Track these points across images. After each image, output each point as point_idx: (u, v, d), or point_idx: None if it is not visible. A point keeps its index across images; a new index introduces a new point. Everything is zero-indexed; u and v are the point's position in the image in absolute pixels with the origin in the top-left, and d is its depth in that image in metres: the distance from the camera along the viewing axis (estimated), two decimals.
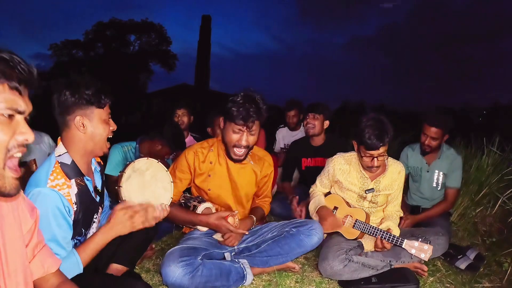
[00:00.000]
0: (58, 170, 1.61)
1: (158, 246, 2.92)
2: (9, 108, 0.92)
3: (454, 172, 3.16)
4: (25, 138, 0.95)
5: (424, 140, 3.14)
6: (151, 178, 1.97)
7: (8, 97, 0.92)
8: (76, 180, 1.66)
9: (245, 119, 2.15)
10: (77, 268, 1.60)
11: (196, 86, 25.55)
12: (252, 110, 2.15)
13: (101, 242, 1.66)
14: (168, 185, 2.04)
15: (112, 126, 1.75)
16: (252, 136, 2.25)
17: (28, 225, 1.16)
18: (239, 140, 2.23)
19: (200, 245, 2.29)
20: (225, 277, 2.18)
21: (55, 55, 28.84)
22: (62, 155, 1.65)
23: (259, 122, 2.24)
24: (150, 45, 30.59)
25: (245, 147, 2.26)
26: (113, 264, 1.97)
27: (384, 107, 19.08)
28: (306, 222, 2.44)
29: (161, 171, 2.02)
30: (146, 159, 1.99)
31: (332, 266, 2.33)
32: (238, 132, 2.22)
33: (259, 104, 2.20)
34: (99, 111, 1.68)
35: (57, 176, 1.59)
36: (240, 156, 2.29)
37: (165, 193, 2.02)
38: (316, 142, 3.74)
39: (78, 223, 1.67)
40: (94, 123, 1.67)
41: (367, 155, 2.47)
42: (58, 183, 1.58)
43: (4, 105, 0.90)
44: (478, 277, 2.59)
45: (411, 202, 3.43)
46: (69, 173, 1.64)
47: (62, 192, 1.58)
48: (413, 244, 2.32)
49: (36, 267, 1.21)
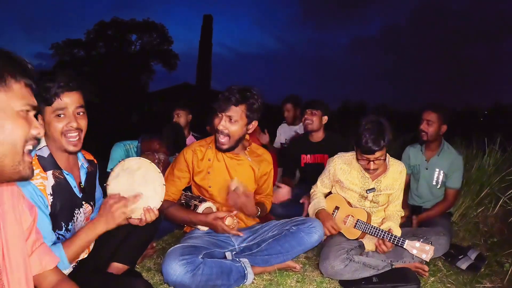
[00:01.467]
0: (35, 161, 1.62)
1: (159, 245, 2.92)
2: (27, 104, 0.99)
3: (455, 173, 3.16)
4: (38, 132, 1.02)
5: (420, 128, 3.18)
6: (141, 178, 1.87)
7: (26, 94, 0.99)
8: (54, 173, 1.67)
9: (221, 102, 2.24)
10: (60, 265, 1.53)
11: (197, 85, 25.51)
12: (230, 96, 2.22)
13: (87, 237, 1.65)
14: (159, 187, 1.91)
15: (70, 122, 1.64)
16: (231, 124, 2.27)
17: (27, 222, 1.19)
18: (217, 124, 2.27)
19: (201, 244, 2.29)
20: (226, 276, 2.17)
21: (56, 55, 28.94)
22: (42, 149, 1.68)
23: (242, 112, 2.26)
24: (151, 45, 30.64)
25: (222, 133, 2.28)
26: (114, 263, 1.98)
27: (385, 107, 19.05)
28: (306, 220, 2.44)
29: (152, 172, 1.90)
30: (138, 158, 1.91)
31: (333, 266, 2.32)
32: (218, 117, 2.28)
33: (244, 93, 2.25)
34: (47, 108, 1.62)
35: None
36: (221, 144, 2.31)
37: (155, 196, 1.89)
38: (315, 138, 3.75)
39: (56, 216, 1.66)
40: (46, 121, 1.64)
41: (363, 158, 2.48)
42: None
43: (24, 101, 0.98)
44: (479, 278, 2.58)
45: (412, 202, 3.42)
46: (45, 165, 1.65)
47: (34, 181, 1.58)
48: (414, 244, 2.32)
49: (34, 263, 1.23)
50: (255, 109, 2.29)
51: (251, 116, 2.30)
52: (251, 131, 2.40)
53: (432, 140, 3.18)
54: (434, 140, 3.19)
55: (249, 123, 2.33)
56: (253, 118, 2.33)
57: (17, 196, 1.16)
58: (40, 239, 1.27)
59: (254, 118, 2.34)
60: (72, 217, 1.76)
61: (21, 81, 0.98)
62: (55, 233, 1.66)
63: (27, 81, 0.99)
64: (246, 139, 2.51)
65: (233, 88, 2.27)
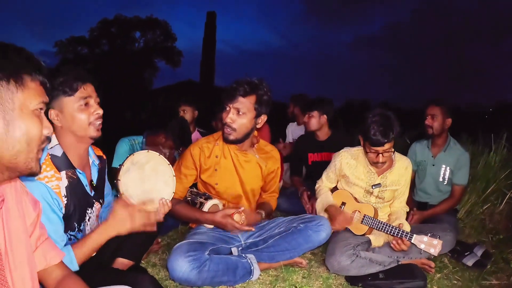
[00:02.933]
0: (48, 162, 1.59)
1: (164, 241, 2.92)
2: (42, 102, 0.99)
3: (461, 169, 3.14)
4: (49, 131, 1.02)
5: (426, 123, 3.19)
6: (151, 171, 1.89)
7: (41, 92, 0.99)
8: (67, 173, 1.63)
9: (229, 93, 2.20)
10: (70, 266, 1.53)
11: (201, 82, 25.54)
12: (239, 87, 2.18)
13: (98, 240, 1.61)
14: (170, 179, 1.96)
15: (95, 111, 1.67)
16: (239, 117, 2.22)
17: (31, 218, 1.18)
18: (225, 118, 2.24)
19: (207, 240, 2.28)
20: (232, 272, 2.17)
21: (60, 52, 29.07)
22: (54, 147, 1.63)
23: (251, 104, 2.22)
24: (155, 42, 30.69)
25: (230, 127, 2.24)
26: (119, 258, 1.97)
27: (388, 105, 19.00)
28: (314, 218, 2.43)
29: (162, 165, 1.94)
30: (146, 151, 1.91)
31: (339, 262, 2.32)
32: (225, 110, 2.25)
33: (252, 84, 2.21)
34: (69, 100, 1.61)
35: (46, 168, 1.56)
36: (228, 134, 2.26)
37: (166, 188, 1.94)
38: (320, 137, 3.74)
39: (69, 218, 1.63)
40: (66, 113, 1.62)
41: (372, 151, 2.45)
42: (46, 175, 1.55)
43: (40, 99, 0.98)
44: (485, 274, 2.57)
45: (418, 199, 3.41)
46: (59, 165, 1.61)
47: (50, 184, 1.55)
48: (422, 239, 2.30)
49: (39, 258, 1.22)
50: (264, 101, 2.24)
51: (259, 109, 2.25)
52: (260, 125, 2.34)
53: (438, 134, 3.17)
54: (440, 135, 3.18)
55: (257, 116, 2.27)
56: (261, 112, 2.27)
57: (20, 191, 1.15)
58: (45, 234, 1.26)
59: (263, 112, 2.28)
60: (84, 217, 1.74)
61: (36, 80, 0.98)
62: (66, 234, 1.63)
63: (42, 79, 0.99)
64: (254, 135, 2.47)
65: (241, 80, 2.22)
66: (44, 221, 1.45)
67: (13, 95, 0.93)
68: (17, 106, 0.94)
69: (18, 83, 0.94)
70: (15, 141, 0.94)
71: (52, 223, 1.53)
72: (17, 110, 0.94)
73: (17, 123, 0.94)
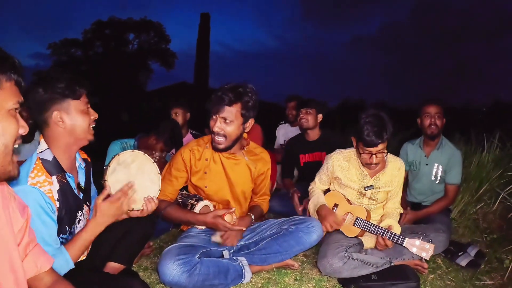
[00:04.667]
0: (39, 167, 1.59)
1: (156, 244, 2.90)
2: (18, 101, 0.99)
3: (454, 168, 3.13)
4: (24, 130, 1.02)
5: (428, 122, 3.12)
6: (137, 170, 1.91)
7: (16, 92, 0.99)
8: (58, 177, 1.63)
9: (214, 103, 2.20)
10: (66, 265, 1.59)
11: (195, 84, 25.48)
12: (223, 96, 2.17)
13: (88, 237, 1.67)
14: (155, 177, 1.98)
15: (93, 115, 1.73)
16: (226, 125, 2.22)
17: (19, 224, 1.16)
18: (212, 126, 2.24)
19: (198, 243, 2.27)
20: (223, 275, 2.15)
21: (54, 54, 28.84)
22: (44, 152, 1.63)
23: (237, 112, 2.21)
24: (149, 44, 30.57)
25: (219, 134, 2.23)
26: (110, 263, 1.97)
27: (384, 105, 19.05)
28: (305, 219, 2.42)
29: (147, 163, 1.96)
30: (131, 151, 1.93)
31: (331, 264, 2.31)
32: (213, 119, 2.24)
33: (236, 92, 2.20)
34: (76, 103, 1.64)
35: (37, 173, 1.57)
36: (218, 144, 2.27)
37: (152, 186, 1.96)
38: (311, 137, 3.75)
39: (61, 221, 1.64)
40: (72, 116, 1.64)
41: (365, 151, 2.44)
42: (38, 180, 1.56)
43: (16, 99, 0.98)
44: (479, 274, 2.57)
45: (411, 199, 3.40)
46: (50, 169, 1.61)
47: (43, 189, 1.55)
48: (414, 242, 2.30)
49: (29, 265, 1.21)
50: (250, 107, 2.24)
51: (246, 115, 2.25)
52: (248, 129, 2.34)
53: (438, 135, 3.16)
54: (438, 134, 3.16)
55: (245, 122, 2.28)
56: (249, 117, 2.27)
57: (8, 197, 1.13)
58: (34, 240, 1.25)
59: (250, 116, 2.28)
60: (75, 219, 1.74)
61: (12, 79, 0.97)
62: (59, 237, 1.63)
63: (17, 78, 0.98)
64: (244, 138, 2.47)
65: (226, 88, 2.21)
66: (38, 225, 1.48)
67: None
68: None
69: None
70: None
71: (47, 227, 1.54)
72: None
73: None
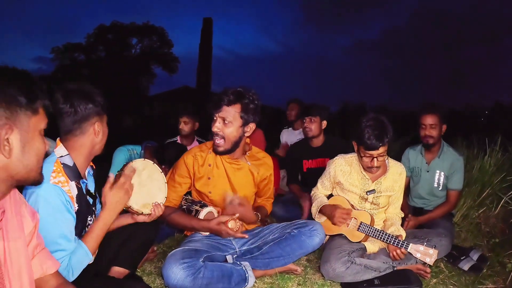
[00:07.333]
0: (60, 169, 1.63)
1: (160, 249, 2.91)
2: (46, 124, 1.12)
3: (456, 174, 3.14)
4: (48, 147, 1.15)
5: (423, 133, 3.12)
6: (147, 177, 2.01)
7: (45, 115, 1.11)
8: (75, 183, 1.69)
9: (214, 103, 2.23)
10: (86, 258, 1.66)
11: (198, 88, 25.50)
12: (223, 96, 2.21)
13: (102, 227, 1.74)
14: (163, 185, 2.10)
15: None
16: (225, 126, 2.23)
17: (29, 228, 1.23)
18: (212, 127, 2.25)
19: (201, 247, 2.28)
20: (226, 280, 2.16)
21: (57, 59, 28.98)
22: (64, 157, 1.66)
23: (236, 113, 2.22)
24: (151, 48, 30.68)
25: (217, 135, 2.25)
26: (115, 267, 1.97)
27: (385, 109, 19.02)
28: (307, 223, 2.43)
29: (156, 172, 2.07)
30: (142, 159, 2.04)
31: (334, 268, 2.31)
32: (213, 120, 2.26)
33: (237, 93, 2.22)
34: (105, 116, 1.79)
35: (58, 174, 1.62)
36: (217, 146, 2.28)
37: (160, 193, 2.07)
38: (315, 143, 3.74)
39: (76, 225, 1.67)
40: (104, 129, 1.78)
41: (366, 155, 2.45)
42: (60, 180, 1.61)
43: (46, 121, 1.12)
44: (481, 278, 2.57)
45: (413, 204, 3.41)
46: (70, 175, 1.66)
47: (64, 189, 1.61)
48: (418, 248, 2.30)
49: (35, 267, 1.26)
50: (250, 109, 2.23)
51: (246, 118, 2.24)
52: (248, 134, 2.34)
53: (436, 143, 3.16)
54: (436, 142, 3.17)
55: (244, 124, 2.26)
56: (249, 120, 2.26)
57: (19, 202, 1.21)
58: (42, 244, 1.31)
59: (251, 120, 2.27)
60: (85, 224, 1.79)
61: (44, 104, 1.10)
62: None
63: (47, 103, 1.11)
64: (247, 143, 2.47)
65: (227, 89, 2.24)
66: (61, 221, 1.58)
67: (29, 120, 1.04)
68: (31, 128, 1.06)
69: (33, 109, 1.06)
70: (30, 159, 1.06)
71: (69, 223, 1.62)
72: (31, 133, 1.06)
73: (31, 144, 1.06)
